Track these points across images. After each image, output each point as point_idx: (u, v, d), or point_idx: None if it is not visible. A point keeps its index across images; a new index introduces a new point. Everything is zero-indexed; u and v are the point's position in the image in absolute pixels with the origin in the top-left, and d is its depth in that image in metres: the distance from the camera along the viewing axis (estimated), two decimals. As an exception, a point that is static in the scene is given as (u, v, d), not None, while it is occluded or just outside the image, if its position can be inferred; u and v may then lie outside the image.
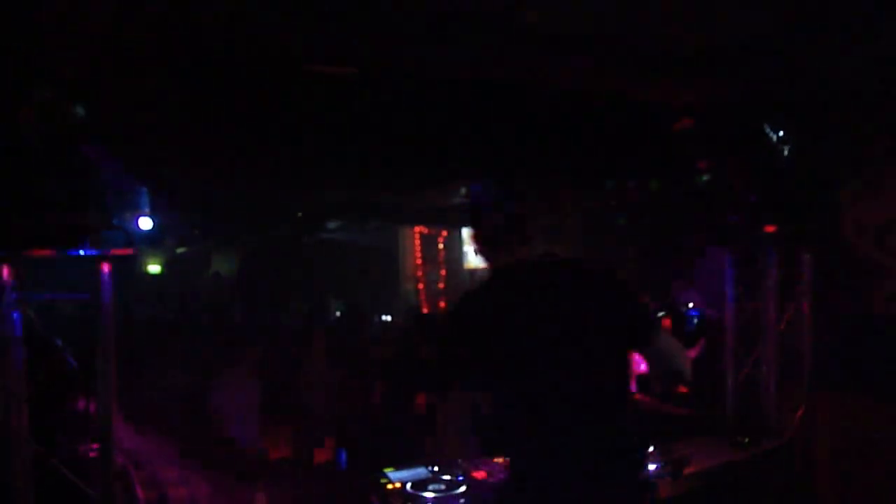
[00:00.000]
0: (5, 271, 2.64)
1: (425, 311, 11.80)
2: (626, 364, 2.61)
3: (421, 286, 13.25)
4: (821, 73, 4.11)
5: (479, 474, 3.46)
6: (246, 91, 4.55)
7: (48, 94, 2.68)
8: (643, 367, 4.54)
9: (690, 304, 6.22)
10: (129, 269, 10.43)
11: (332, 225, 12.75)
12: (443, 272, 13.02)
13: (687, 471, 3.61)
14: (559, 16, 3.45)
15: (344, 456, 5.39)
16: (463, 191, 9.55)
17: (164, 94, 4.42)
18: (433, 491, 3.27)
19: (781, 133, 4.36)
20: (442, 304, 12.65)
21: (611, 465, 2.41)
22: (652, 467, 3.58)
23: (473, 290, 2.55)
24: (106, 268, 2.80)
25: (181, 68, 4.13)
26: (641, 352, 2.72)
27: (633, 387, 5.11)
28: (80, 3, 3.19)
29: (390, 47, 3.87)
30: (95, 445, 2.83)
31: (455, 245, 12.86)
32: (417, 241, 13.33)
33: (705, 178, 4.68)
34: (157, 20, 3.52)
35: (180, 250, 13.99)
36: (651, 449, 3.74)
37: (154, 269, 13.54)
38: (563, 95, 4.66)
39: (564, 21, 3.52)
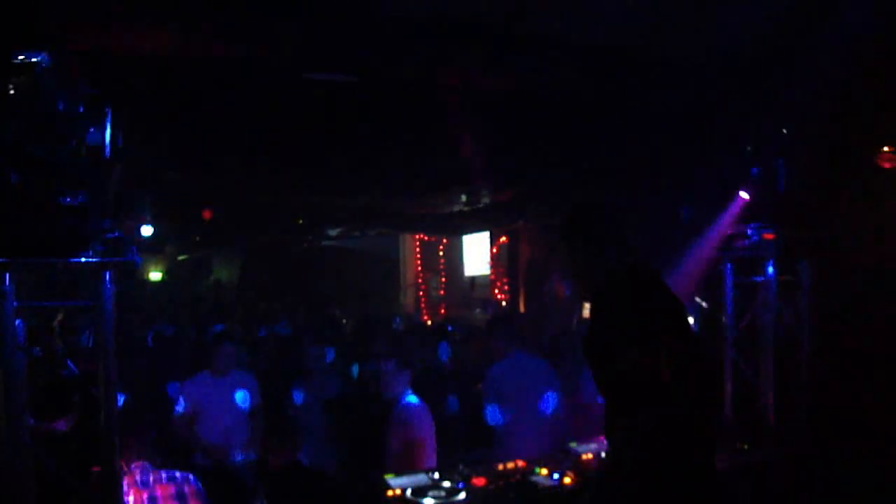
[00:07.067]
0: (6, 278, 2.65)
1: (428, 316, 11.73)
2: None
3: (421, 293, 13.26)
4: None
5: (479, 481, 3.45)
6: (248, 99, 4.58)
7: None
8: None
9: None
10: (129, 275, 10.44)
11: (333, 232, 12.76)
12: (443, 279, 13.02)
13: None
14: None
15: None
16: (463, 198, 9.54)
17: (168, 102, 4.46)
18: (433, 498, 3.26)
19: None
20: (442, 311, 12.64)
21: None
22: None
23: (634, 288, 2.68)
24: (107, 275, 2.81)
25: (184, 76, 4.16)
26: None
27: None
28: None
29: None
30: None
31: (455, 252, 12.85)
32: (418, 249, 13.34)
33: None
34: (161, 28, 3.55)
35: (181, 257, 14.01)
36: None
37: (155, 276, 13.57)
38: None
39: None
